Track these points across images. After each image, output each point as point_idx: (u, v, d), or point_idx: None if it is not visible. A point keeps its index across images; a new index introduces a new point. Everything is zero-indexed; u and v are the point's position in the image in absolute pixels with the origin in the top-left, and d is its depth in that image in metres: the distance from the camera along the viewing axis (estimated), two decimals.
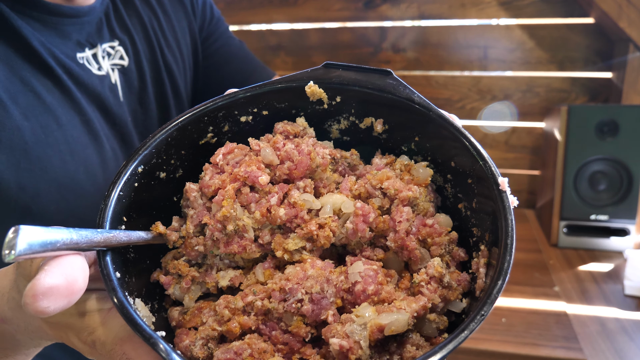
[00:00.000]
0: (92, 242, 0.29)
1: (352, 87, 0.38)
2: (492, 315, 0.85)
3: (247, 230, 0.34)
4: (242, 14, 1.50)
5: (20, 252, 0.24)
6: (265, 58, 1.52)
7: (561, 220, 1.14)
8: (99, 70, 0.58)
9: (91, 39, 0.58)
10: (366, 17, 1.41)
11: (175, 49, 0.68)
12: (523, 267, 1.04)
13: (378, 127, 0.39)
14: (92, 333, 0.32)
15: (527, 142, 1.39)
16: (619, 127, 1.07)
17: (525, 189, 1.43)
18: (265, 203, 0.35)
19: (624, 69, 1.18)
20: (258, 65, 0.81)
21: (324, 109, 0.39)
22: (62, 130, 0.51)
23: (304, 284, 0.32)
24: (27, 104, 0.49)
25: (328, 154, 0.37)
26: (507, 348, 0.75)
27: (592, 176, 1.11)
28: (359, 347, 0.29)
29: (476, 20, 1.34)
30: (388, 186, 0.35)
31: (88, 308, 0.32)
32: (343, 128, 0.41)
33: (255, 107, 0.39)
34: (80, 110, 0.54)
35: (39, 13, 0.52)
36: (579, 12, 1.26)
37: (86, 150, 0.54)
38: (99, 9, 0.58)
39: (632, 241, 1.10)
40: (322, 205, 0.35)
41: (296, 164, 0.36)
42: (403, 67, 1.43)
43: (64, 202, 0.51)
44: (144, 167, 0.35)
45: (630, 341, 0.77)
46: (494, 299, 0.27)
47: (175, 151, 0.37)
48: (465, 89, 1.39)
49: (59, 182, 0.51)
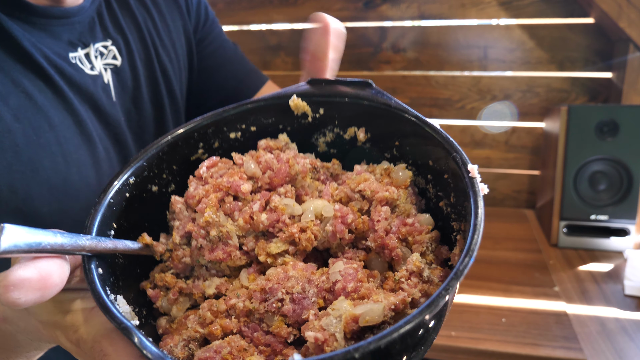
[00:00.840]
0: (78, 247, 0.29)
1: (333, 98, 0.39)
2: (492, 315, 0.85)
3: (231, 237, 0.35)
4: (242, 14, 1.50)
5: (4, 249, 0.25)
6: (265, 58, 1.52)
7: (561, 220, 1.14)
8: (91, 70, 0.57)
9: (83, 39, 0.57)
10: (366, 17, 1.41)
11: (170, 49, 0.68)
12: (523, 267, 1.04)
13: (361, 135, 0.40)
14: (76, 331, 0.32)
15: (527, 142, 1.39)
16: (619, 127, 1.07)
17: (525, 189, 1.43)
18: (247, 210, 0.35)
19: (624, 69, 1.18)
20: (252, 70, 0.81)
21: (309, 122, 0.41)
22: (54, 132, 0.51)
23: (285, 284, 0.32)
24: (19, 105, 0.48)
25: (308, 163, 0.38)
26: (507, 348, 0.75)
27: (592, 176, 1.11)
28: (334, 339, 0.28)
29: (476, 20, 1.34)
30: (365, 188, 0.36)
31: (73, 307, 0.32)
32: (329, 140, 0.42)
33: (244, 123, 0.41)
34: (72, 111, 0.53)
35: (27, 15, 0.51)
36: (579, 12, 1.26)
37: (79, 152, 0.53)
38: (89, 8, 0.58)
39: (632, 241, 1.10)
40: (304, 211, 0.35)
41: (276, 172, 0.37)
42: (403, 67, 1.43)
43: (56, 204, 0.51)
44: (135, 178, 0.36)
45: (630, 341, 0.77)
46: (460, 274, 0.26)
47: (167, 166, 0.38)
48: (465, 89, 1.39)
49: (50, 183, 0.50)
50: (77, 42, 0.56)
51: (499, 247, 1.15)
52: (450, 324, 0.82)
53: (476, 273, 1.01)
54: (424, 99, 1.42)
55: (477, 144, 1.42)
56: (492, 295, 0.92)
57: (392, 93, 1.43)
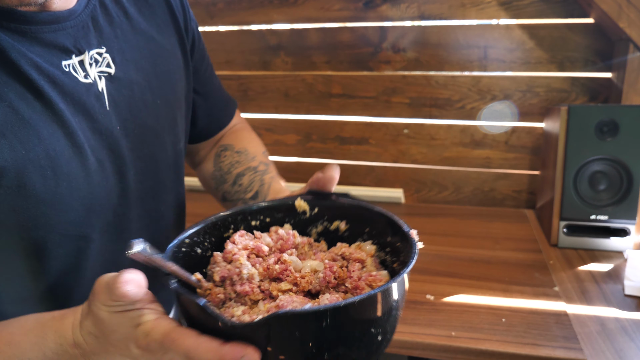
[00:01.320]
0: (166, 266, 0.43)
1: (324, 201, 0.59)
2: (492, 315, 0.85)
3: (254, 278, 0.49)
4: (242, 14, 1.50)
5: (136, 251, 0.39)
6: (265, 58, 1.53)
7: (561, 220, 1.14)
8: (85, 78, 0.55)
9: (78, 45, 0.55)
10: (366, 17, 1.41)
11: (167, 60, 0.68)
12: (523, 267, 1.04)
13: (342, 226, 0.59)
14: (146, 337, 0.41)
15: (527, 142, 1.39)
16: (619, 127, 1.07)
17: (525, 189, 1.43)
18: (265, 263, 0.51)
19: (623, 69, 1.18)
20: (228, 99, 0.88)
21: (307, 217, 0.59)
22: (43, 145, 0.50)
23: (291, 304, 0.45)
24: (4, 121, 0.47)
25: (306, 240, 0.57)
26: (507, 348, 0.75)
27: (592, 176, 1.11)
28: None
29: (476, 20, 1.34)
30: (344, 251, 0.54)
31: (143, 319, 0.42)
32: (319, 231, 0.60)
33: (262, 215, 0.59)
34: (63, 122, 0.52)
35: (16, 24, 0.49)
36: (578, 13, 1.26)
37: (69, 165, 0.52)
38: (83, 13, 0.56)
39: (632, 241, 1.10)
40: (303, 266, 0.52)
41: (285, 240, 0.55)
42: (403, 67, 1.43)
43: (43, 218, 0.51)
44: (189, 240, 0.53)
45: (630, 341, 0.77)
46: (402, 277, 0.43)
47: (208, 237, 0.55)
48: (465, 89, 1.39)
49: (38, 198, 0.50)
50: (72, 48, 0.54)
51: (498, 247, 1.15)
52: (450, 324, 0.82)
53: (476, 273, 1.01)
54: (424, 99, 1.42)
55: (477, 144, 1.42)
56: (492, 295, 0.92)
57: (392, 93, 1.44)
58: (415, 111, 1.45)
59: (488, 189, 1.45)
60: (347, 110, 1.50)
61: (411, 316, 0.85)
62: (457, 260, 1.08)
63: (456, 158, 1.45)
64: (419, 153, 1.48)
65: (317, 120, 1.54)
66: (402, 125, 1.47)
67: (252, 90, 1.56)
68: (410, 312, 0.86)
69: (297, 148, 1.58)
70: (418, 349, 0.78)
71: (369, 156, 1.53)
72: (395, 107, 1.46)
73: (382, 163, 1.52)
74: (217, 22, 1.53)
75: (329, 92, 1.50)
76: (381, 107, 1.47)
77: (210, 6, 1.52)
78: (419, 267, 1.04)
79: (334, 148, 1.55)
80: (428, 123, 1.44)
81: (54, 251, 0.53)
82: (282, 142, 1.59)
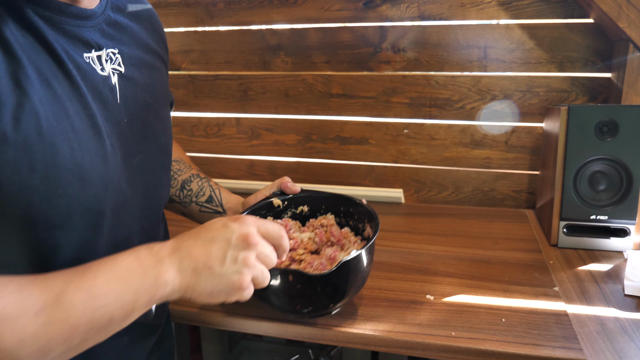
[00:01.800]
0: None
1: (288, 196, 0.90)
2: (492, 315, 0.85)
3: None
4: (242, 14, 1.50)
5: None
6: (265, 58, 1.52)
7: (561, 220, 1.14)
8: (102, 72, 0.62)
9: (98, 42, 0.62)
10: (366, 17, 1.41)
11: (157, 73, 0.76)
12: (523, 267, 1.04)
13: (305, 209, 0.91)
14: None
15: (527, 142, 1.39)
16: (619, 127, 1.07)
17: (525, 189, 1.43)
18: None
19: (623, 69, 1.18)
20: None
21: (282, 208, 0.90)
22: (69, 120, 0.55)
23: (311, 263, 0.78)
24: (43, 93, 0.52)
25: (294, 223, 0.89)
26: (507, 348, 0.75)
27: (592, 176, 1.11)
28: None
29: (476, 20, 1.34)
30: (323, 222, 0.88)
31: None
32: (289, 215, 0.91)
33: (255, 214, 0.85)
34: (85, 104, 0.58)
35: (50, 13, 0.55)
36: (578, 13, 1.26)
37: (90, 142, 0.57)
38: (100, 16, 0.63)
39: (632, 241, 1.10)
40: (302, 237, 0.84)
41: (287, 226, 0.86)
42: (403, 67, 1.43)
43: (70, 187, 0.55)
44: None
45: (630, 341, 0.77)
46: None
47: None
48: (465, 89, 1.39)
49: (66, 167, 0.54)
50: (92, 43, 0.61)
51: (498, 247, 1.15)
52: (450, 324, 0.82)
53: (476, 273, 1.01)
54: (424, 99, 1.43)
55: (477, 144, 1.42)
56: (492, 295, 0.92)
57: (392, 93, 1.44)
58: (415, 111, 1.45)
59: (488, 189, 1.45)
60: (347, 110, 1.50)
61: (411, 316, 0.85)
62: (457, 260, 1.08)
63: (456, 158, 1.45)
64: (418, 153, 1.48)
65: (317, 120, 1.54)
66: (402, 125, 1.47)
67: (252, 90, 1.56)
68: (410, 312, 0.86)
69: (297, 148, 1.58)
70: (418, 349, 0.78)
71: (368, 156, 1.53)
72: (395, 107, 1.46)
73: (382, 163, 1.52)
74: (217, 22, 1.53)
75: (329, 92, 1.50)
76: (381, 107, 1.47)
77: (210, 6, 1.51)
78: (419, 267, 1.04)
79: (334, 148, 1.55)
80: (428, 123, 1.44)
81: (77, 223, 0.56)
82: (282, 142, 1.59)
